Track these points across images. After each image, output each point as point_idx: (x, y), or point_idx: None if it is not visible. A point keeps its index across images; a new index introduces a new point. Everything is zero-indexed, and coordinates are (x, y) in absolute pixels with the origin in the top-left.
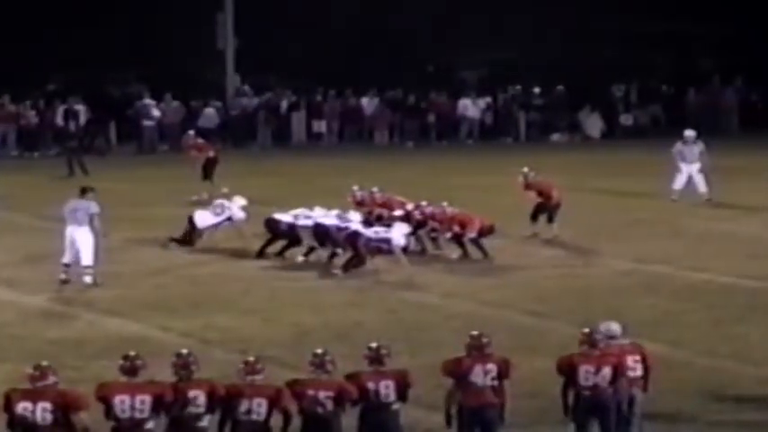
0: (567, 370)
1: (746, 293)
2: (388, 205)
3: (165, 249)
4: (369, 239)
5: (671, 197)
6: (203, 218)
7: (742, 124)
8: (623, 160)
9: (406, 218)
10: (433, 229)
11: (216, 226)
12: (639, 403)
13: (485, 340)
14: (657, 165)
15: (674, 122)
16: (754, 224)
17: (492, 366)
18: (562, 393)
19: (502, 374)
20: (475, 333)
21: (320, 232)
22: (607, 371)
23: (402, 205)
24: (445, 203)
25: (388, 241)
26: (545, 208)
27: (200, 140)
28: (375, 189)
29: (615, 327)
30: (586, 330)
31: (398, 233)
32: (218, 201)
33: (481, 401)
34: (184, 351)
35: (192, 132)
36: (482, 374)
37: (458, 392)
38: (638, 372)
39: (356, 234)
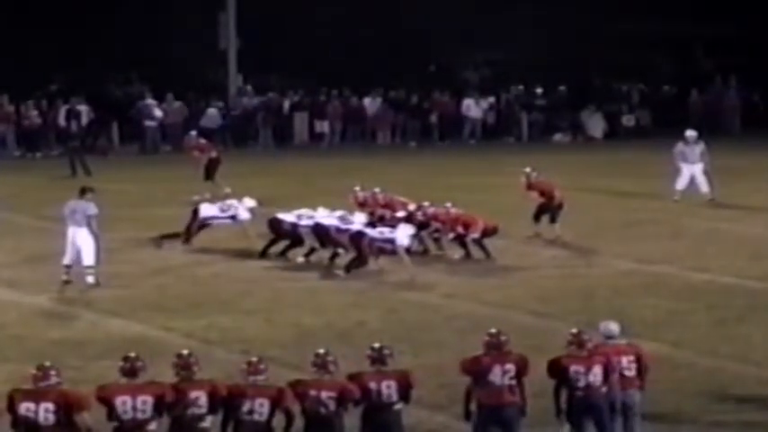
0: (557, 372)
1: (748, 294)
2: (391, 206)
3: (160, 249)
4: (373, 239)
5: (673, 197)
6: (207, 209)
7: (744, 125)
8: (625, 161)
9: (409, 219)
10: (436, 230)
11: (216, 219)
12: (638, 403)
13: (503, 338)
14: (659, 165)
15: (676, 123)
16: (756, 225)
17: (510, 366)
18: (554, 395)
19: (520, 373)
20: (493, 331)
21: (320, 232)
22: (597, 370)
23: (404, 206)
24: (449, 204)
25: (392, 241)
26: (547, 208)
27: (202, 141)
28: (377, 190)
29: (614, 326)
30: (574, 331)
31: (403, 234)
32: (229, 201)
33: (499, 401)
34: (185, 351)
35: (194, 133)
36: (500, 374)
37: (475, 390)
38: (633, 372)
39: (360, 234)
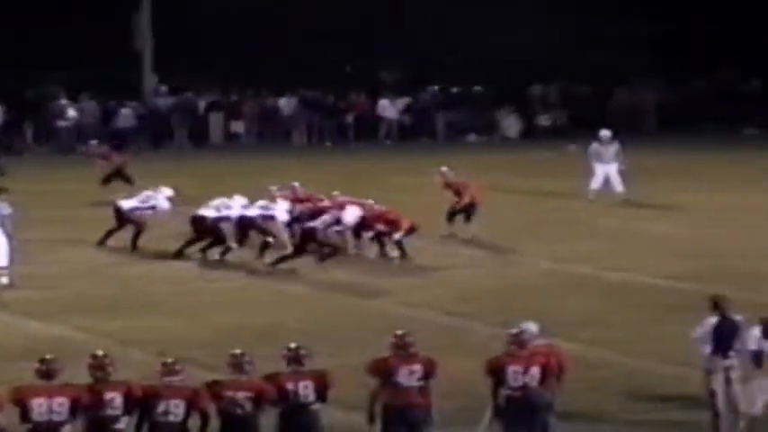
0: (496, 371)
1: (666, 293)
2: (312, 201)
3: (101, 248)
4: (323, 229)
5: (588, 197)
6: (128, 203)
7: (660, 124)
8: (541, 160)
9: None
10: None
11: (137, 210)
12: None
13: (409, 339)
14: (575, 165)
15: (592, 123)
16: (673, 224)
17: (418, 367)
18: (492, 395)
19: (428, 375)
20: (399, 332)
21: (245, 225)
22: (536, 371)
23: (321, 202)
24: (371, 201)
25: (338, 221)
26: (462, 208)
27: (103, 148)
28: (296, 184)
29: (532, 327)
30: (514, 331)
31: (351, 215)
32: (146, 192)
33: (406, 401)
34: (100, 352)
35: (94, 142)
36: (407, 375)
37: (382, 392)
38: None
39: (312, 230)
